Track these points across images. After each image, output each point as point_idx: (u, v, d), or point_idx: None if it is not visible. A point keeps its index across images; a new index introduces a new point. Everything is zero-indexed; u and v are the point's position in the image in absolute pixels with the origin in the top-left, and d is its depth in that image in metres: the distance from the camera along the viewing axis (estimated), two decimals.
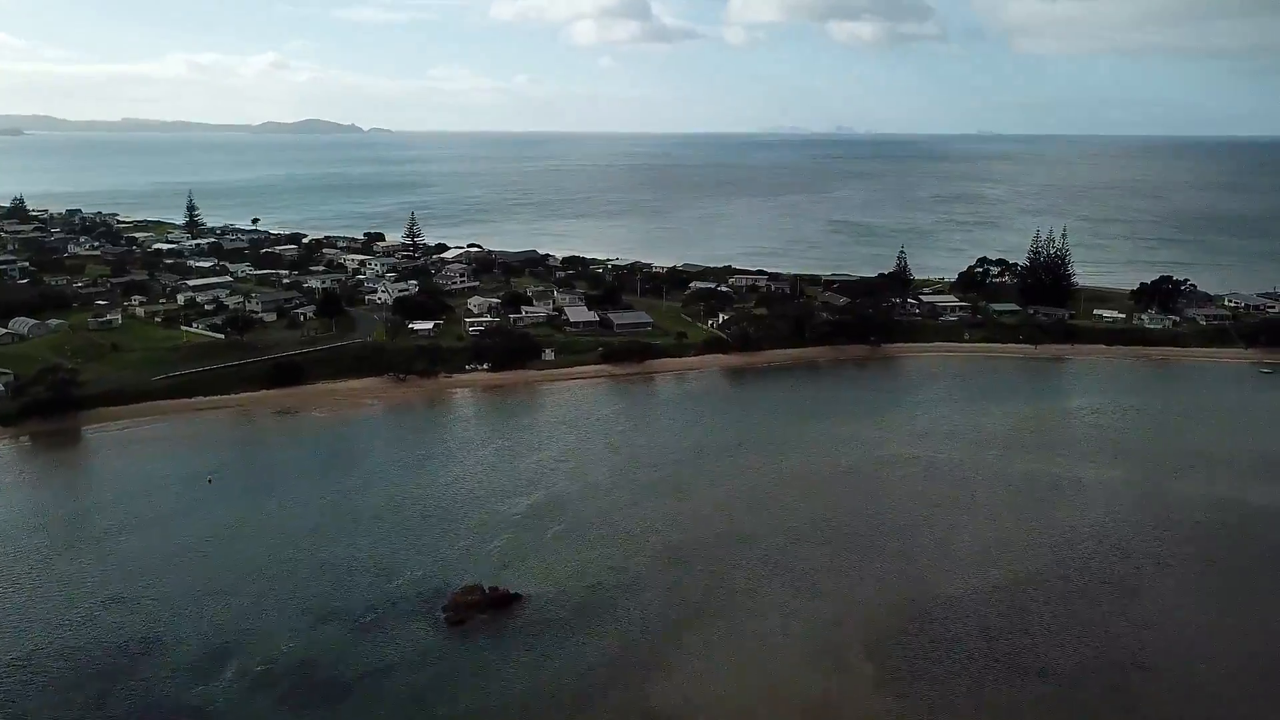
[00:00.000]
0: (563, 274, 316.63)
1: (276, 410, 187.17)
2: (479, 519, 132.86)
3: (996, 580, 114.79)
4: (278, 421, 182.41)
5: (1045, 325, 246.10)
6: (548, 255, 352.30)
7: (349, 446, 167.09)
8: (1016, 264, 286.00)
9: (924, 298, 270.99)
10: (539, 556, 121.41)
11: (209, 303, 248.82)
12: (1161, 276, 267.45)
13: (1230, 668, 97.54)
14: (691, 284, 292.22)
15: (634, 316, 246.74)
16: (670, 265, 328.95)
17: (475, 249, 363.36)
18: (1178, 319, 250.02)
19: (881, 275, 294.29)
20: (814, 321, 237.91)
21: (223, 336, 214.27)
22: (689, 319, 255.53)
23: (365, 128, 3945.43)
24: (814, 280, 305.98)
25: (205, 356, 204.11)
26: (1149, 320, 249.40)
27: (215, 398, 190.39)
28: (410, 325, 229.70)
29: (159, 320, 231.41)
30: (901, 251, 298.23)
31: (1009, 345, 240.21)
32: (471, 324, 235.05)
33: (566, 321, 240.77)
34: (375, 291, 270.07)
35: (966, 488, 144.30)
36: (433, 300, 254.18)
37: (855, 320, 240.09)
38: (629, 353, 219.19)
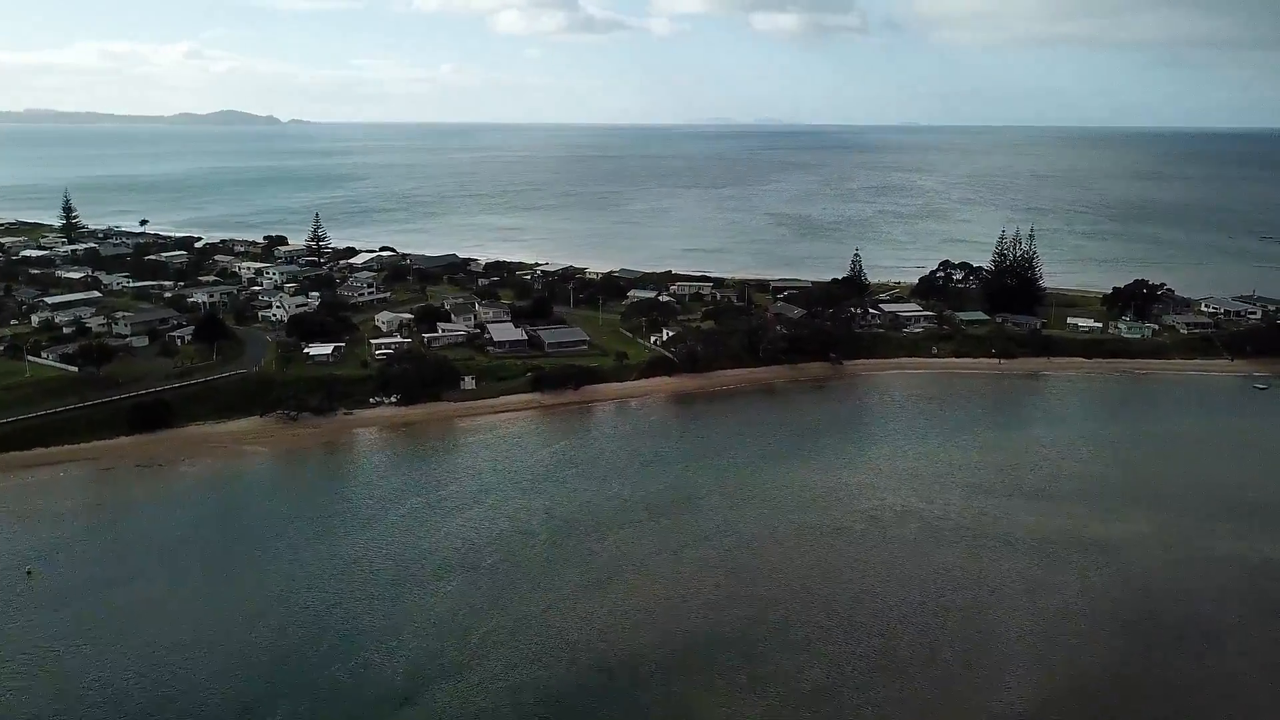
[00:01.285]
0: (486, 281, 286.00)
1: (137, 464, 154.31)
2: (384, 618, 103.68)
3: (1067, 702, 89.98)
4: (138, 479, 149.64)
5: (1018, 337, 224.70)
6: (469, 260, 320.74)
7: (226, 513, 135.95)
8: (981, 267, 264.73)
9: (884, 306, 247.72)
10: (459, 676, 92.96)
11: (68, 324, 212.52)
12: (1136, 281, 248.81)
13: None
14: (631, 293, 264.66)
15: (568, 334, 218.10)
16: (607, 270, 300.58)
17: (389, 253, 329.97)
18: (1156, 327, 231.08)
19: (836, 281, 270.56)
20: (768, 338, 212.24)
21: (75, 369, 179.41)
22: (629, 334, 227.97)
23: (284, 119, 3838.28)
24: (762, 286, 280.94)
25: (51, 396, 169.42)
26: (1127, 329, 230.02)
27: (59, 449, 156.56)
28: (306, 349, 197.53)
29: (1, 349, 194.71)
30: (856, 254, 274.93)
31: (980, 360, 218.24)
32: (379, 346, 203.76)
33: (490, 341, 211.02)
34: (270, 306, 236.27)
35: (980, 555, 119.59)
36: (335, 318, 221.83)
37: (813, 335, 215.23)
38: (563, 378, 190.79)
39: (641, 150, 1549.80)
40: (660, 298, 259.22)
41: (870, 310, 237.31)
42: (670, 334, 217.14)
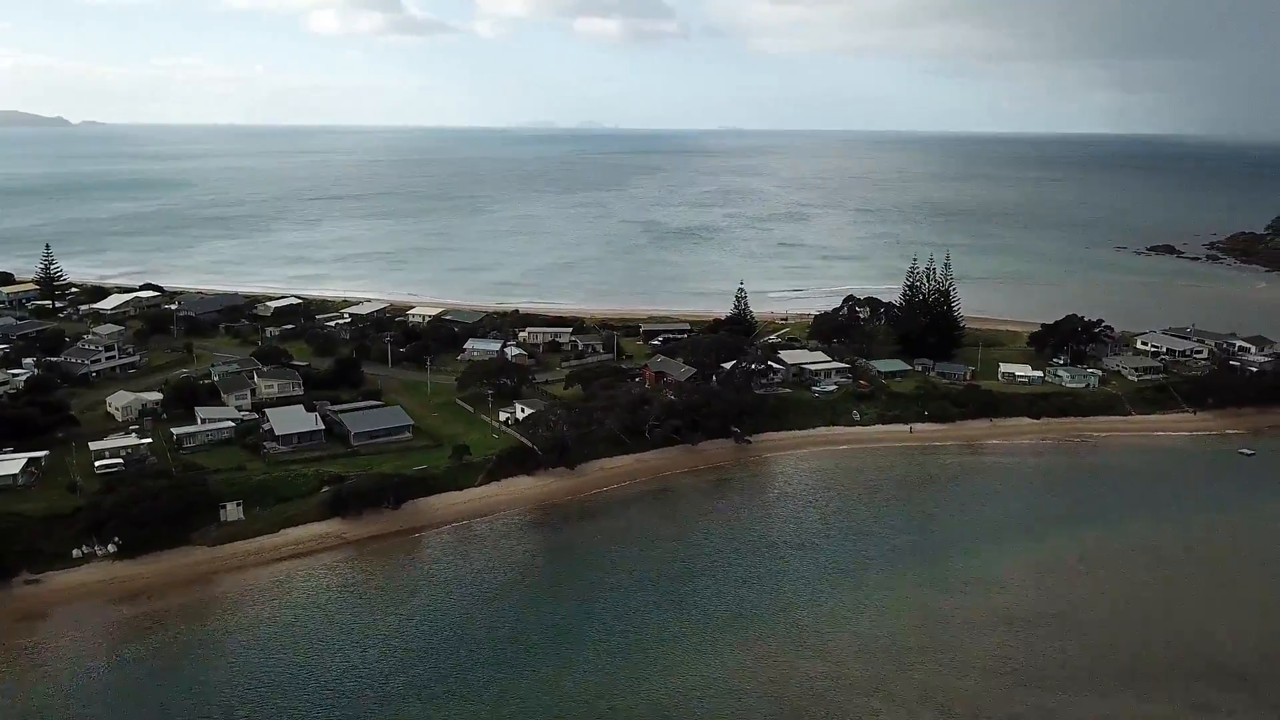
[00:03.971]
0: (275, 332, 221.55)
1: None
2: None
3: None
4: None
5: (952, 394, 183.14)
6: (254, 302, 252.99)
7: None
8: (891, 303, 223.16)
9: (785, 354, 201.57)
10: None
11: None
12: (1068, 316, 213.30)
13: None
14: (469, 345, 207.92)
15: (384, 416, 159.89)
16: (439, 312, 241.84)
17: (152, 293, 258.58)
18: (1100, 373, 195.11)
19: (720, 324, 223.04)
20: (656, 412, 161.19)
21: None
22: (469, 408, 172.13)
23: (74, 120, 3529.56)
24: (631, 329, 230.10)
25: None
26: (1070, 377, 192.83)
27: None
28: None
29: None
30: (741, 288, 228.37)
31: (916, 428, 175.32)
32: (102, 455, 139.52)
33: (270, 434, 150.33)
34: None
35: None
36: (46, 405, 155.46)
37: (712, 406, 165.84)
38: (376, 494, 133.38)
39: (474, 154, 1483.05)
40: (508, 350, 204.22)
41: (772, 364, 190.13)
42: (525, 409, 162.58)
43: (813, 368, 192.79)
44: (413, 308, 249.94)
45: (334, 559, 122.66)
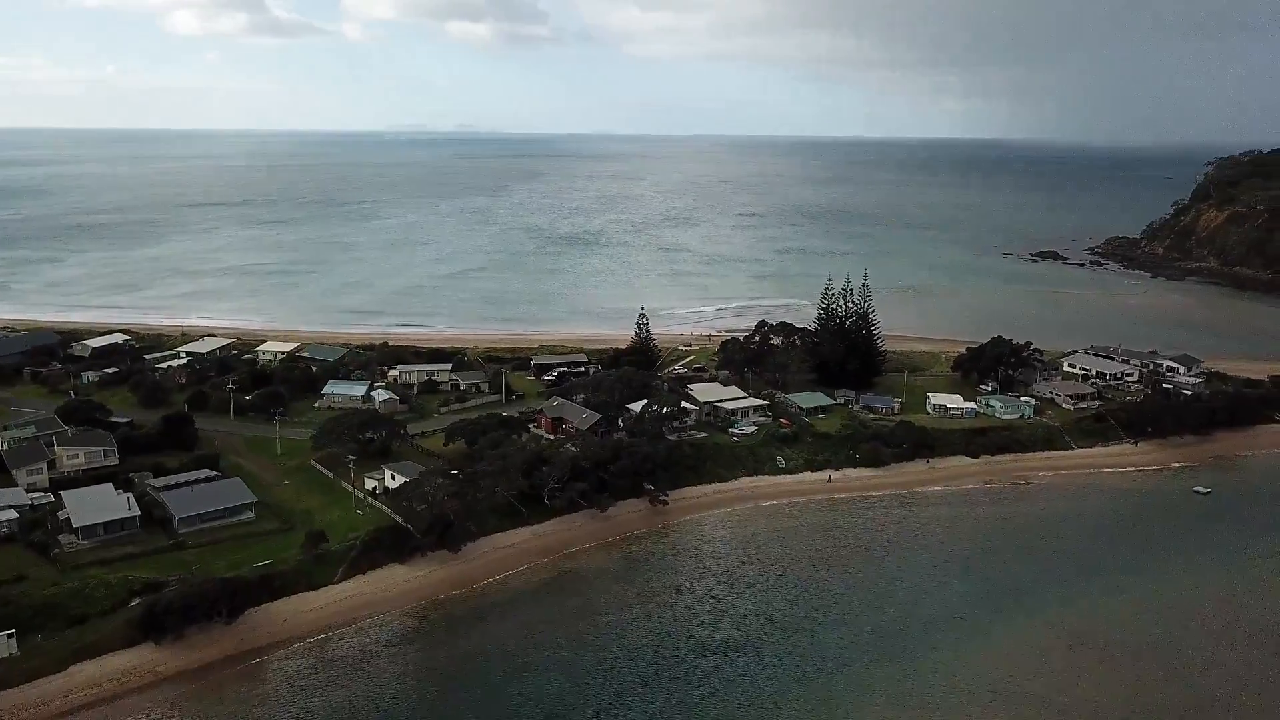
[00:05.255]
0: (94, 377, 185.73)
1: None
2: None
3: None
4: None
5: (884, 433, 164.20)
6: (71, 339, 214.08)
7: None
8: (806, 328, 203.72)
9: (695, 389, 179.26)
10: None
11: None
12: (994, 339, 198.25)
13: None
14: (329, 388, 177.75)
15: (218, 492, 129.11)
16: (294, 346, 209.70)
17: None
18: (1034, 401, 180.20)
19: (619, 354, 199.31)
20: (557, 473, 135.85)
21: None
22: (328, 474, 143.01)
23: None
24: (521, 362, 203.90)
25: None
26: (1003, 407, 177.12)
27: None
28: None
29: None
30: (642, 313, 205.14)
31: (846, 475, 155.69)
32: None
33: (66, 525, 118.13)
34: None
35: None
36: None
37: (617, 457, 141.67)
38: (204, 605, 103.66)
39: (346, 158, 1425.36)
40: (375, 394, 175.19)
41: (684, 404, 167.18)
42: (397, 475, 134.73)
43: (729, 406, 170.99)
44: (265, 341, 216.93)
45: (143, 704, 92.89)
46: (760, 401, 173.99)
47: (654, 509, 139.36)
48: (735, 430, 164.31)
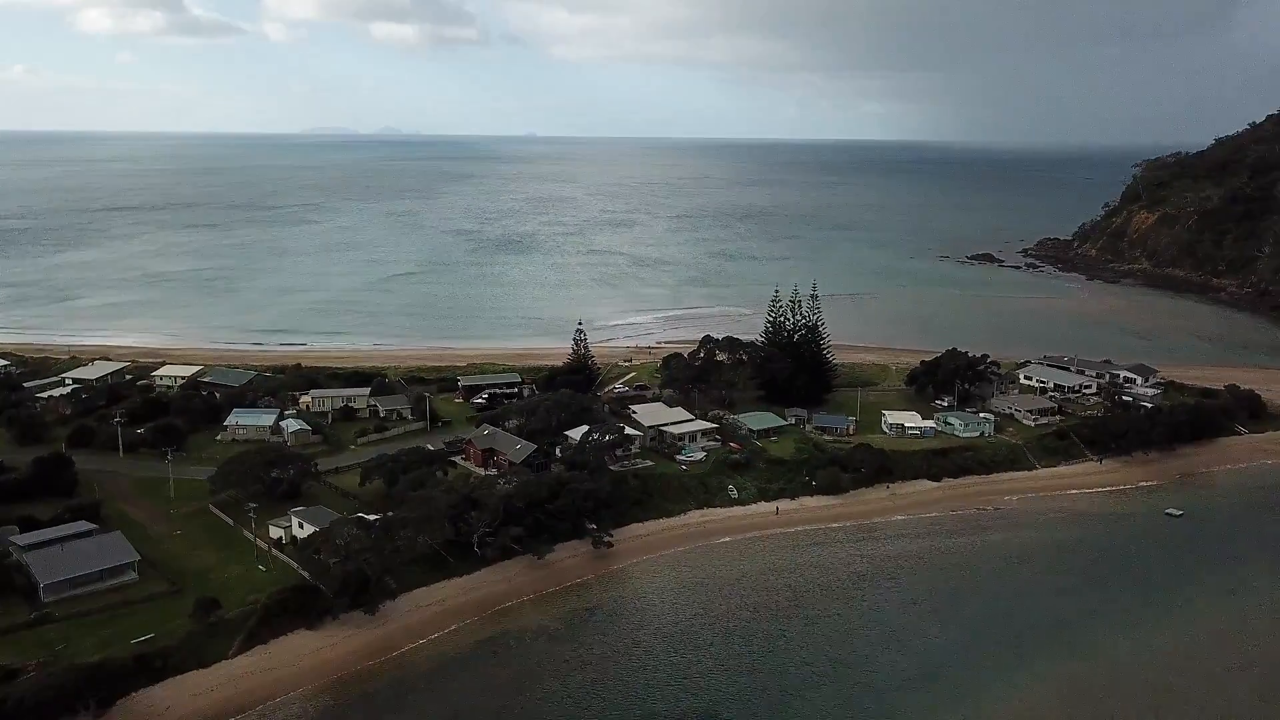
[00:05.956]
0: None
1: None
2: None
3: None
4: None
5: (841, 458, 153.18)
6: None
7: None
8: (753, 342, 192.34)
9: (637, 411, 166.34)
10: None
11: None
12: (949, 352, 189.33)
13: None
14: (231, 419, 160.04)
15: (93, 555, 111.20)
16: (194, 371, 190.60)
17: None
18: (994, 418, 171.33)
19: (555, 373, 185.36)
20: (487, 518, 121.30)
21: None
22: (229, 521, 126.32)
23: None
24: (448, 383, 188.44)
25: None
26: (962, 426, 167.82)
27: None
28: None
29: None
30: (579, 328, 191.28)
31: (803, 504, 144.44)
32: None
33: None
34: None
35: None
36: None
37: (556, 495, 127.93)
38: (67, 698, 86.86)
39: (269, 161, 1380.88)
40: (285, 424, 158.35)
41: (628, 430, 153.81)
42: (307, 522, 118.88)
43: (675, 430, 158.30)
44: (164, 363, 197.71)
45: None
46: (709, 425, 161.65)
47: (597, 552, 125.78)
48: (683, 457, 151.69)
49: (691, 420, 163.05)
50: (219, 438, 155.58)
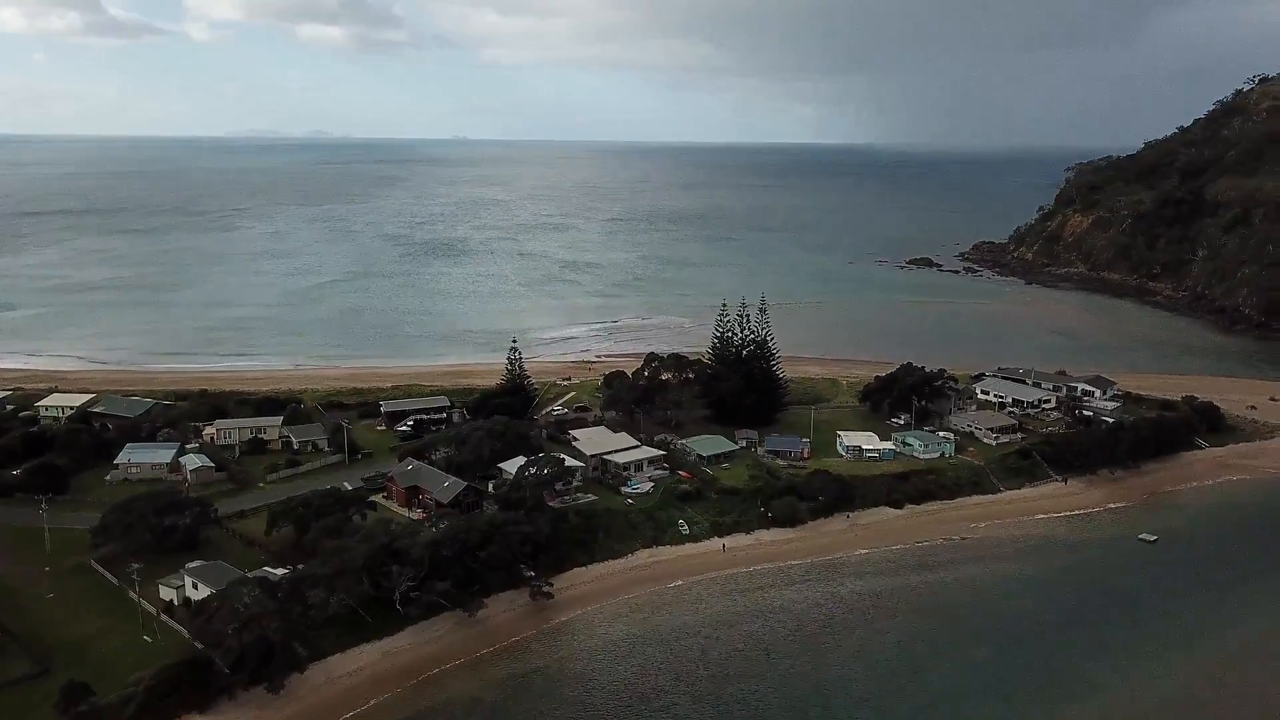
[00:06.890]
0: None
1: None
2: None
3: None
4: None
5: (799, 486, 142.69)
6: None
7: None
8: (700, 359, 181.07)
9: (578, 438, 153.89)
10: None
11: None
12: (904, 366, 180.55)
13: None
14: (124, 456, 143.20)
15: None
16: (86, 400, 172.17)
17: None
18: (954, 437, 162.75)
19: (488, 396, 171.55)
20: (410, 572, 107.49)
21: None
22: (111, 577, 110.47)
23: None
24: (370, 409, 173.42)
25: None
26: (922, 447, 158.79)
27: None
28: None
29: None
30: (514, 347, 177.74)
31: (758, 539, 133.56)
32: None
33: None
34: None
35: None
36: None
37: (489, 540, 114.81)
38: None
39: (193, 164, 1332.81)
40: (186, 459, 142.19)
41: (568, 460, 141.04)
42: (202, 582, 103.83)
43: (620, 459, 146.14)
44: (53, 389, 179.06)
45: None
46: (656, 452, 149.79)
47: (536, 604, 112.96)
48: (629, 489, 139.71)
49: (638, 447, 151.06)
50: (109, 478, 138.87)
